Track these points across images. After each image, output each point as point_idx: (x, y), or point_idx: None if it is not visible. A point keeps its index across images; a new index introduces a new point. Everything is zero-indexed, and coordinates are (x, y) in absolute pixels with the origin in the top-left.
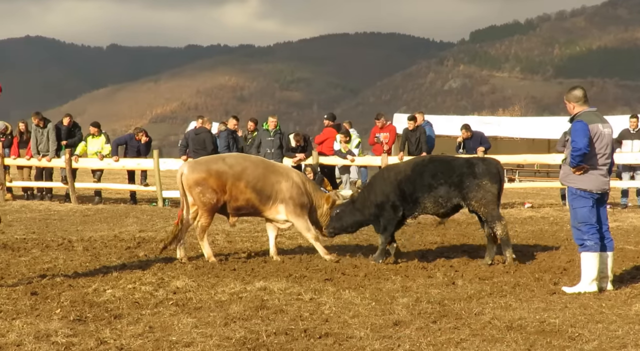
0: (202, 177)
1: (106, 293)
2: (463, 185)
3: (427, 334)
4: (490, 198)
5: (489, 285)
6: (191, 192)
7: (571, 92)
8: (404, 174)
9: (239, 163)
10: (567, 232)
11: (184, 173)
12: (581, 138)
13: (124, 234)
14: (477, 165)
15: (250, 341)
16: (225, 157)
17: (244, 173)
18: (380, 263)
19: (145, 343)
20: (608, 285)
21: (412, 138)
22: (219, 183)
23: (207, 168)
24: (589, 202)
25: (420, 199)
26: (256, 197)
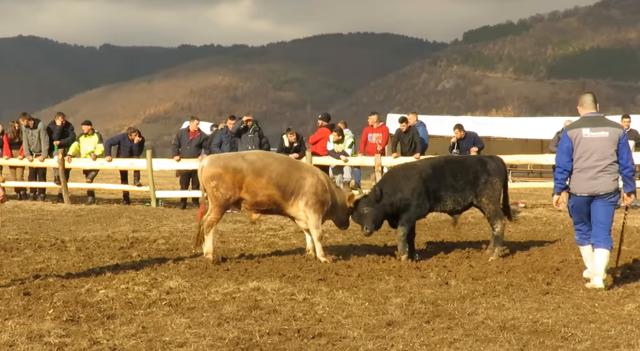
0: (218, 172)
1: (99, 294)
2: (477, 183)
3: (421, 334)
4: (498, 195)
5: (482, 285)
6: (206, 186)
7: (581, 96)
8: (427, 173)
9: (260, 160)
10: (560, 232)
11: (204, 167)
12: (559, 154)
13: (117, 234)
14: (488, 162)
15: (244, 342)
16: (245, 153)
17: (266, 169)
18: (406, 254)
19: (138, 344)
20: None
21: (405, 139)
22: (234, 180)
23: (225, 163)
24: (572, 203)
25: (443, 197)
26: (278, 193)
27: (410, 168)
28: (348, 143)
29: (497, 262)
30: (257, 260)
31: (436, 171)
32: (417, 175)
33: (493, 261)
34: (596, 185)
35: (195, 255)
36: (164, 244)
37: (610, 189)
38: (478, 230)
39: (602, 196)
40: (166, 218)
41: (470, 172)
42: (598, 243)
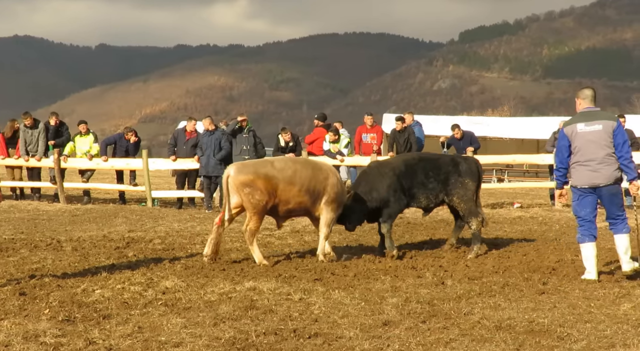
0: (249, 179)
1: (95, 294)
2: (448, 182)
3: (417, 334)
4: (470, 195)
5: (478, 285)
6: (240, 194)
7: (583, 89)
8: (399, 170)
9: (288, 167)
10: (556, 232)
11: (231, 175)
12: (557, 152)
13: (113, 234)
14: (460, 163)
15: (240, 342)
16: (273, 160)
17: (296, 176)
18: (396, 250)
19: (134, 344)
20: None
21: (401, 138)
22: (267, 186)
23: (255, 170)
24: (576, 197)
25: (416, 194)
26: (309, 199)
27: (384, 166)
28: (344, 143)
29: (493, 262)
30: (253, 259)
31: (409, 168)
32: (391, 172)
33: (488, 260)
34: (597, 177)
35: (191, 254)
36: (160, 244)
37: (610, 180)
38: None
39: (604, 187)
40: (162, 218)
41: (442, 171)
42: (614, 229)
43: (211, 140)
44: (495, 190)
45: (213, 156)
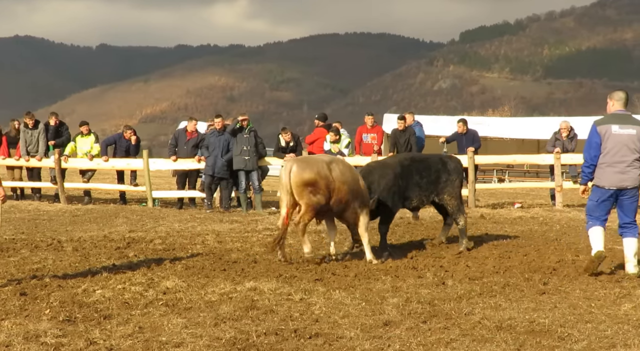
0: (313, 178)
1: (96, 294)
2: (439, 181)
3: (417, 334)
4: (458, 192)
5: (478, 285)
6: (301, 191)
7: (616, 92)
8: (397, 171)
9: (337, 167)
10: (557, 232)
11: (294, 171)
12: (587, 149)
13: (114, 234)
14: (448, 162)
15: (240, 342)
16: (325, 159)
17: (344, 175)
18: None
19: (135, 344)
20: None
21: (402, 139)
22: (327, 186)
23: (317, 169)
24: (596, 197)
25: (410, 195)
26: (351, 199)
27: (385, 167)
28: (345, 143)
29: (493, 262)
30: (254, 260)
31: (404, 169)
32: (391, 173)
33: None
34: (625, 179)
35: (192, 255)
36: (161, 244)
37: (636, 183)
38: (474, 230)
39: (628, 190)
40: (163, 218)
41: (432, 170)
42: (626, 233)
43: (220, 141)
44: (495, 190)
45: (221, 157)
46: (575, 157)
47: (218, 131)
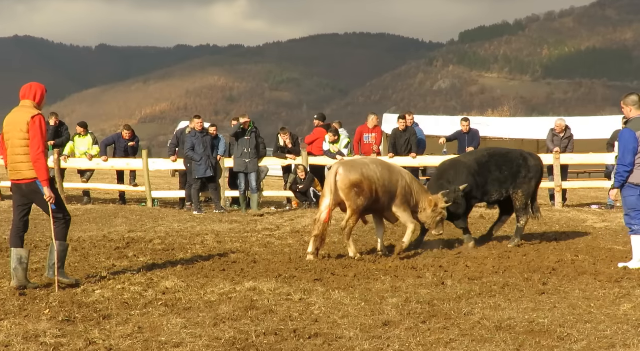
0: (359, 180)
1: (95, 294)
2: (518, 177)
3: (417, 334)
4: (532, 192)
5: (478, 285)
6: (348, 193)
7: (628, 96)
8: (474, 167)
9: (377, 168)
10: (556, 233)
11: (340, 173)
12: (626, 154)
13: (113, 234)
14: (529, 159)
15: (240, 342)
16: (366, 161)
17: (383, 177)
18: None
19: (134, 344)
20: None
21: (402, 139)
22: (371, 188)
23: (362, 171)
24: (637, 192)
25: (491, 189)
26: (388, 198)
27: (459, 164)
28: (344, 143)
29: (493, 262)
30: (254, 260)
31: (481, 164)
32: (466, 170)
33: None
34: None
35: (192, 255)
36: (160, 244)
37: None
38: (474, 230)
39: None
40: (162, 219)
41: (514, 165)
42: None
43: (205, 141)
44: None
45: (208, 158)
46: (575, 157)
47: (200, 132)
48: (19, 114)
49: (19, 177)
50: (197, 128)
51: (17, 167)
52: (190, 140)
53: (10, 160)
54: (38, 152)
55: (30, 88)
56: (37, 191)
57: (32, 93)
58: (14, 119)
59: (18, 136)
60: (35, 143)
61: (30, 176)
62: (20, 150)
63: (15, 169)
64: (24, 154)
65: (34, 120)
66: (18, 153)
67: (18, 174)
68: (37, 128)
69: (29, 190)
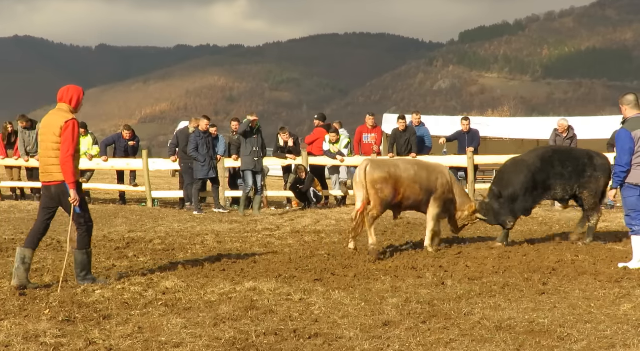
0: (383, 177)
1: (95, 294)
2: (584, 175)
3: (417, 334)
4: (599, 191)
5: (478, 286)
6: (372, 187)
7: (625, 96)
8: (535, 166)
9: (410, 168)
10: (556, 232)
11: (368, 170)
12: (622, 154)
13: (113, 234)
14: (595, 158)
15: (240, 342)
16: (397, 162)
17: (417, 176)
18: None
19: (134, 344)
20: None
21: (402, 139)
22: (395, 185)
23: (388, 170)
24: (636, 192)
25: (552, 186)
26: (424, 196)
27: (520, 163)
28: (344, 143)
29: (493, 262)
30: (254, 260)
31: (544, 162)
32: (526, 169)
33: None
34: None
35: (192, 255)
36: (160, 244)
37: None
38: (474, 230)
39: None
40: (162, 219)
41: (579, 163)
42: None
43: (209, 142)
44: None
45: (211, 159)
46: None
47: (204, 133)
48: (54, 117)
49: (50, 178)
50: (202, 128)
51: (48, 169)
52: (195, 140)
53: (42, 162)
54: (67, 155)
55: (68, 91)
56: (65, 193)
57: (69, 96)
58: (49, 122)
59: (51, 139)
60: (66, 146)
61: (60, 178)
62: (52, 153)
63: (46, 171)
64: (55, 157)
65: (67, 125)
66: (50, 155)
67: (49, 176)
68: (70, 133)
69: (58, 192)
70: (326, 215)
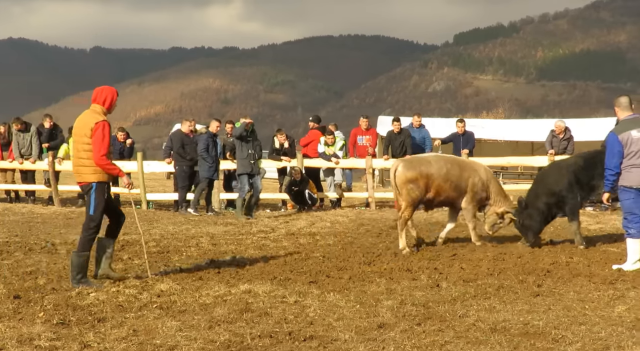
0: (414, 176)
1: (90, 297)
2: None
3: (412, 336)
4: None
5: (473, 287)
6: (403, 188)
7: (617, 98)
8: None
9: (444, 166)
10: (550, 234)
11: (399, 170)
12: (611, 157)
13: None
14: None
15: (235, 344)
16: (430, 159)
17: (449, 174)
18: (585, 245)
19: (129, 347)
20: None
21: (396, 141)
22: (426, 183)
23: (420, 169)
24: (631, 195)
25: (596, 186)
26: (455, 193)
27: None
28: (339, 145)
29: (488, 264)
30: (248, 262)
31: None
32: (565, 169)
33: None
34: None
35: (186, 257)
36: (155, 247)
37: None
38: (468, 231)
39: None
40: (157, 221)
41: None
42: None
43: (212, 143)
44: None
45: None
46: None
47: (213, 135)
48: (86, 119)
49: (80, 179)
50: (213, 130)
51: (79, 170)
52: (207, 141)
53: (74, 163)
54: (100, 156)
55: (102, 92)
56: (88, 193)
57: (103, 97)
58: (81, 123)
59: (82, 140)
60: (97, 147)
61: (88, 180)
62: (83, 154)
63: (77, 172)
64: (86, 158)
65: (97, 126)
66: (81, 156)
67: (79, 177)
68: (100, 134)
69: (84, 192)
70: (321, 217)
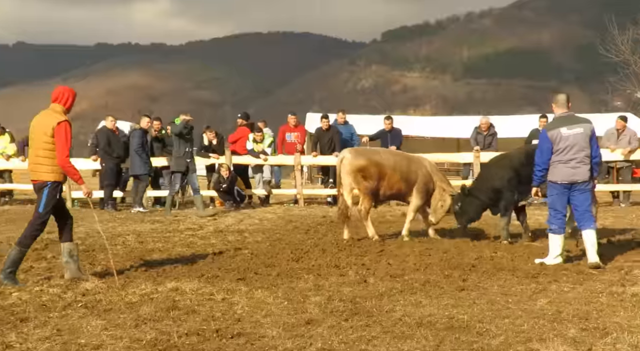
0: (364, 164)
1: (12, 296)
2: None
3: (339, 332)
4: None
5: (399, 283)
6: (352, 176)
7: (555, 95)
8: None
9: (391, 157)
10: (475, 229)
11: (347, 158)
12: (540, 154)
13: None
14: None
15: (162, 343)
16: (378, 150)
17: (398, 164)
18: (509, 241)
19: (52, 347)
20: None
21: (325, 138)
22: (378, 172)
23: (369, 157)
24: (555, 191)
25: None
26: (405, 185)
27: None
28: (267, 142)
29: (414, 260)
30: (176, 260)
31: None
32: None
33: (410, 258)
34: (575, 173)
35: (112, 255)
36: (80, 245)
37: (586, 177)
38: (396, 228)
39: (580, 184)
40: (82, 219)
41: None
42: (584, 226)
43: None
44: None
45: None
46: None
47: (145, 131)
48: (46, 118)
49: (36, 177)
50: (144, 126)
51: (36, 168)
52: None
53: (31, 161)
54: (65, 157)
55: (63, 93)
56: (40, 191)
57: (65, 98)
58: (40, 122)
59: (41, 139)
60: (60, 147)
61: (44, 178)
62: (41, 153)
63: (33, 170)
64: (44, 156)
65: (60, 126)
66: (38, 155)
67: (35, 175)
68: (63, 135)
69: (36, 189)
70: (249, 214)
